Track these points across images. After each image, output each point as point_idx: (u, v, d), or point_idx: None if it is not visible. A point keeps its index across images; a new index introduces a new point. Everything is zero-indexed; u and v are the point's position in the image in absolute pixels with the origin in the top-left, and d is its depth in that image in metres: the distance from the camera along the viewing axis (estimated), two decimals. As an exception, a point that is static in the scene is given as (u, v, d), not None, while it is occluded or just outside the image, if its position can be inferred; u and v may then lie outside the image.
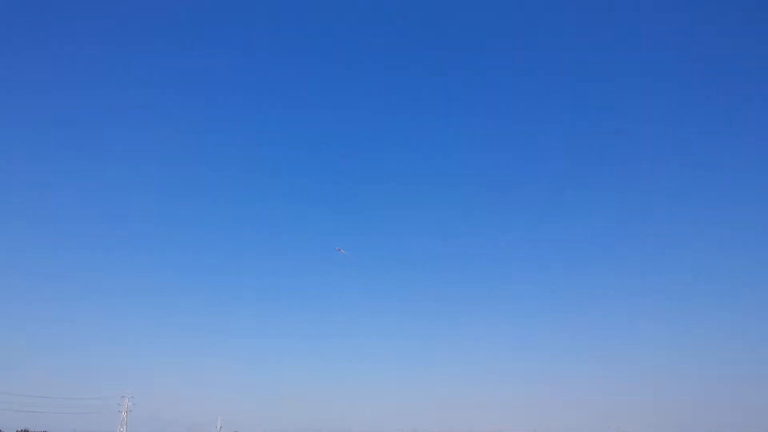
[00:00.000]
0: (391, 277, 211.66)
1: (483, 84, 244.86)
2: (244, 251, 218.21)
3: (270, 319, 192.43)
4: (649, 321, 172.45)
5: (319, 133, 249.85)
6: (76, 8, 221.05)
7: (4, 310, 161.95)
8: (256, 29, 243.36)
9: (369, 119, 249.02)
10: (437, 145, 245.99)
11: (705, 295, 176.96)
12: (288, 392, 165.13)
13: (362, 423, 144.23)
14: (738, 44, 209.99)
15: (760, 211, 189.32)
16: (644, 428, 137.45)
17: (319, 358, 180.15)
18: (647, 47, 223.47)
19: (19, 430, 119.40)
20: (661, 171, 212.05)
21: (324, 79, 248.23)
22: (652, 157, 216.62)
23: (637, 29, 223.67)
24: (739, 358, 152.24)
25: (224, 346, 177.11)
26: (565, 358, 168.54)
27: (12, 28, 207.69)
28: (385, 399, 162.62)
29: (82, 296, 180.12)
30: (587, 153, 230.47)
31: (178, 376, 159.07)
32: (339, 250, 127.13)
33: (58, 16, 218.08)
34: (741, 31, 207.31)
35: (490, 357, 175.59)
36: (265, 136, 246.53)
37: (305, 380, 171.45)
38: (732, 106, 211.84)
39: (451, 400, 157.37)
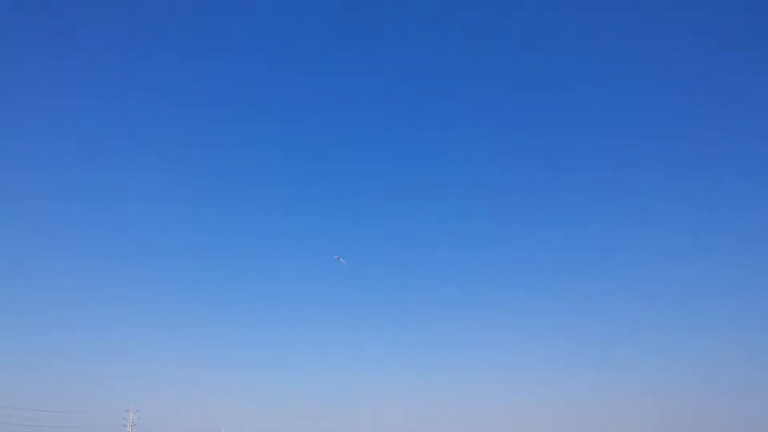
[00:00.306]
0: (393, 283, 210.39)
1: (485, 89, 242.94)
2: (246, 259, 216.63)
3: (272, 326, 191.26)
4: (654, 328, 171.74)
5: (320, 139, 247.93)
6: (75, 12, 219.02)
7: (1, 319, 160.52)
8: (253, 33, 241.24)
9: (369, 126, 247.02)
10: (439, 152, 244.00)
11: (708, 301, 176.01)
12: (292, 400, 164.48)
13: (365, 428, 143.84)
14: (738, 46, 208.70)
15: (761, 215, 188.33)
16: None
17: (321, 365, 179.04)
18: (649, 49, 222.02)
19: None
20: (663, 175, 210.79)
21: (326, 85, 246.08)
22: (655, 160, 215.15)
23: (638, 30, 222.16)
24: (742, 363, 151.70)
25: (226, 355, 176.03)
26: (568, 363, 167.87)
27: (16, 33, 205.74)
28: (389, 405, 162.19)
29: (83, 305, 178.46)
30: (588, 158, 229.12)
31: (179, 386, 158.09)
32: (338, 258, 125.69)
33: (59, 21, 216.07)
34: (741, 32, 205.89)
35: (492, 363, 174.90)
36: (265, 142, 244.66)
37: (308, 387, 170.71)
38: (732, 110, 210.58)
39: (453, 406, 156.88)
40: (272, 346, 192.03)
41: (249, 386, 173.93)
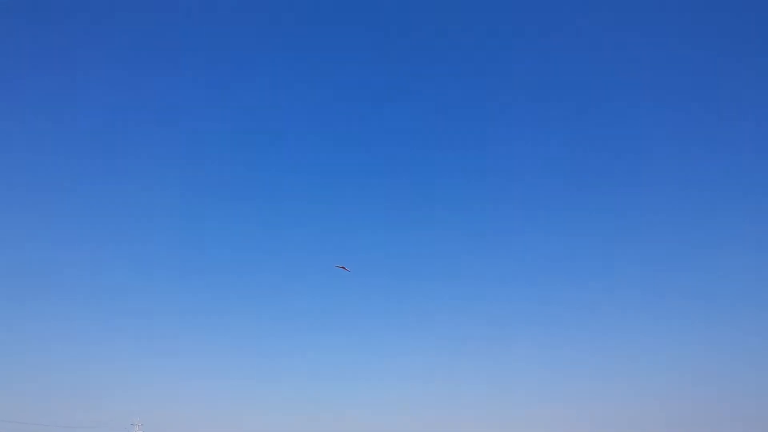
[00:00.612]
0: (398, 292, 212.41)
1: (487, 93, 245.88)
2: (249, 269, 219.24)
3: (277, 336, 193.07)
4: (656, 331, 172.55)
5: (321, 146, 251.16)
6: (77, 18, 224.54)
7: (5, 330, 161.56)
8: (250, 38, 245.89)
9: (368, 130, 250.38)
10: (440, 158, 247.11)
11: (712, 307, 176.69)
12: (297, 408, 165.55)
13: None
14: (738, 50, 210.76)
15: (761, 218, 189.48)
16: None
17: (324, 372, 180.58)
18: (653, 52, 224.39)
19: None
20: (664, 178, 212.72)
21: (326, 92, 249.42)
22: (655, 165, 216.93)
23: (641, 30, 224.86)
24: (745, 367, 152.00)
25: (232, 366, 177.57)
26: (569, 368, 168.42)
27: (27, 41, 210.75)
28: (391, 409, 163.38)
29: (87, 316, 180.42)
30: (590, 164, 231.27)
31: (184, 398, 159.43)
32: (342, 267, 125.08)
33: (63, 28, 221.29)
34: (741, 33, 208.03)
35: (493, 367, 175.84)
36: (268, 148, 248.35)
37: (312, 395, 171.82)
38: (734, 113, 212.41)
39: (455, 410, 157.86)
40: (277, 357, 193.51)
41: (254, 396, 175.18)
